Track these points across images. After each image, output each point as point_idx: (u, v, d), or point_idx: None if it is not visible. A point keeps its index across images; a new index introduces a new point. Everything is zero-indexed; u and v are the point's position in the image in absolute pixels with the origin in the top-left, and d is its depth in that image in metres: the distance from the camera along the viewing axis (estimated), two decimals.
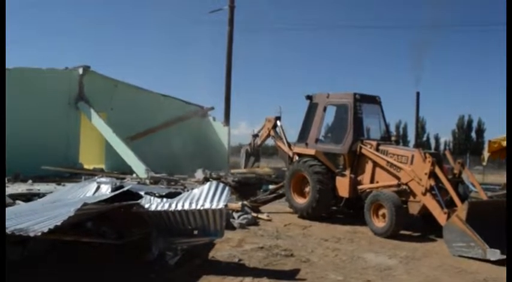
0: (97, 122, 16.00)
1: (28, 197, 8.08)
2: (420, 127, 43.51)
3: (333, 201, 9.67)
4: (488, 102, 65.90)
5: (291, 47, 72.98)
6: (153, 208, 5.50)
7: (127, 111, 17.22)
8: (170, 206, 5.44)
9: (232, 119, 21.86)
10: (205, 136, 19.51)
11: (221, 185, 5.64)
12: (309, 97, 10.28)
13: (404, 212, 8.19)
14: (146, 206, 5.57)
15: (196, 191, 5.59)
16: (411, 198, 8.34)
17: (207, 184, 5.67)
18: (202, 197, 5.42)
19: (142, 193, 6.04)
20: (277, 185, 11.29)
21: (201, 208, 5.29)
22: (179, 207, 5.37)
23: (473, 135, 48.62)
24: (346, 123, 9.40)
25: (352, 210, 9.96)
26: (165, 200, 5.69)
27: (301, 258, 6.20)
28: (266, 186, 12.10)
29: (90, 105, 16.22)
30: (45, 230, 4.24)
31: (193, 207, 5.31)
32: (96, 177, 8.65)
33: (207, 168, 14.34)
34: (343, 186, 9.28)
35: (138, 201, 5.72)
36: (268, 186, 12.02)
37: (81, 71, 16.35)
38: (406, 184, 8.35)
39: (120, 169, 15.22)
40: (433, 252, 6.97)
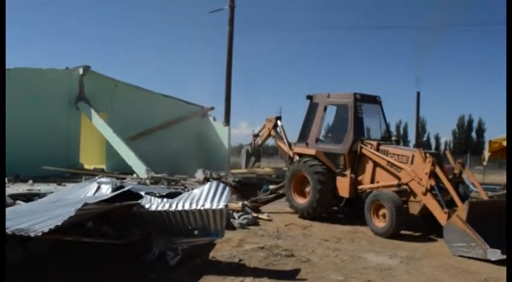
0: (97, 122, 16.00)
1: (28, 197, 8.07)
2: (420, 127, 43.51)
3: (334, 201, 9.67)
4: (488, 102, 66.06)
5: (291, 47, 73.17)
6: (153, 208, 5.51)
7: (127, 111, 17.24)
8: (171, 206, 5.44)
9: (233, 119, 21.92)
10: (206, 136, 19.51)
11: (221, 185, 5.64)
12: (310, 97, 10.27)
13: (405, 212, 8.19)
14: (147, 206, 5.57)
15: (196, 191, 5.59)
16: (412, 198, 8.34)
17: (208, 184, 5.67)
18: (202, 197, 5.42)
19: (142, 193, 6.05)
20: (278, 185, 11.28)
21: (202, 208, 5.29)
22: (179, 207, 5.37)
23: (474, 135, 48.73)
24: (347, 123, 9.39)
25: (352, 210, 9.96)
26: (165, 200, 5.69)
27: (302, 258, 6.20)
28: (266, 186, 12.08)
29: (90, 105, 16.22)
30: (46, 230, 4.24)
31: (194, 207, 5.31)
32: (96, 178, 8.66)
33: (207, 168, 14.37)
34: (343, 186, 9.28)
35: (139, 201, 5.72)
36: (268, 186, 12.01)
37: (81, 71, 16.35)
38: (406, 184, 8.34)
39: (121, 169, 15.23)
40: (434, 252, 6.96)
